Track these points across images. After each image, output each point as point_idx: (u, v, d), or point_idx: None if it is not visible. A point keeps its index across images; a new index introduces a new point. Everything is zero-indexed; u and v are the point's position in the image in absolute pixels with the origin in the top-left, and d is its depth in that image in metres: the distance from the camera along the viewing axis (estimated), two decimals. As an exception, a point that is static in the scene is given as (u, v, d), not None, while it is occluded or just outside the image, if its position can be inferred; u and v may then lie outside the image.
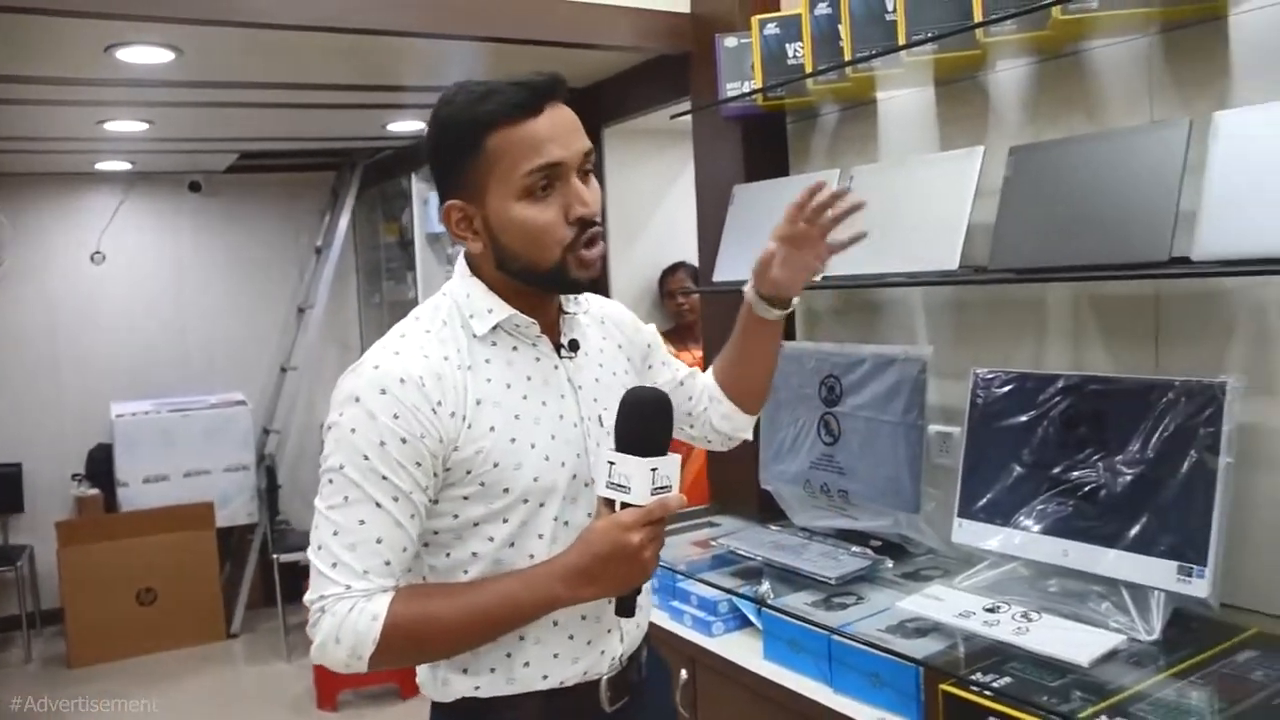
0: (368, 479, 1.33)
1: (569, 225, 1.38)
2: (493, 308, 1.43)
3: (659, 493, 1.34)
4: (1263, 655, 1.82)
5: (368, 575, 1.33)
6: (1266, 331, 1.95)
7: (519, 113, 1.34)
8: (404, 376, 1.35)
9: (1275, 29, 1.90)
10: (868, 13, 2.35)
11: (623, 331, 1.67)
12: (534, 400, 1.44)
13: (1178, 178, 1.83)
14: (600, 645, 1.49)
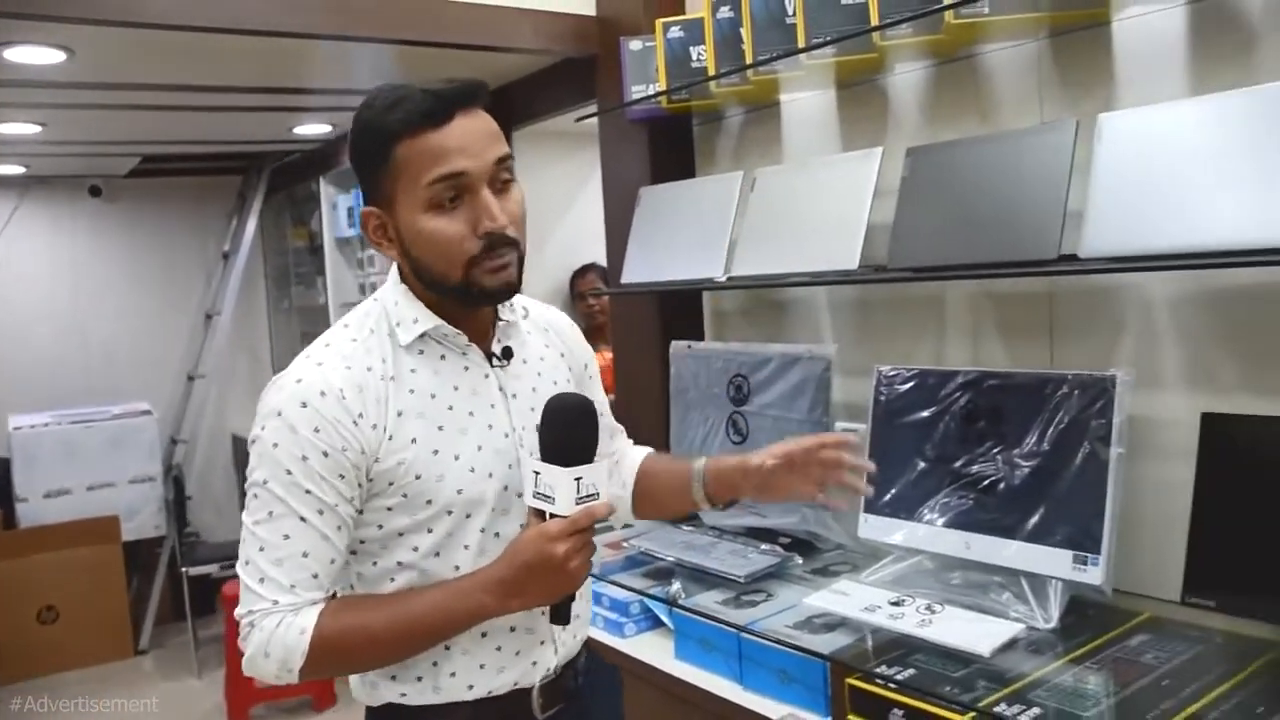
0: (291, 493, 1.32)
1: (477, 239, 1.34)
2: (418, 317, 1.41)
3: (584, 501, 1.33)
4: (1154, 638, 1.89)
5: (295, 589, 1.32)
6: (1153, 326, 2.02)
7: (425, 122, 1.31)
8: (324, 389, 1.33)
9: (1154, 34, 1.97)
10: (768, 16, 2.38)
11: (564, 341, 1.65)
12: (460, 411, 1.41)
13: (1065, 178, 1.88)
14: (531, 656, 1.48)
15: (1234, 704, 1.62)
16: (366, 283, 5.35)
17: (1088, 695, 1.68)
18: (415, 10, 3.06)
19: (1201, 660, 1.79)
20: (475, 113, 1.35)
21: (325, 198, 5.55)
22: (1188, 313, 1.97)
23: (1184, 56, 1.94)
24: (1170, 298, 1.99)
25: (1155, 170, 1.77)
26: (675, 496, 1.69)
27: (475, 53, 3.31)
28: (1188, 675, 1.73)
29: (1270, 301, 1.85)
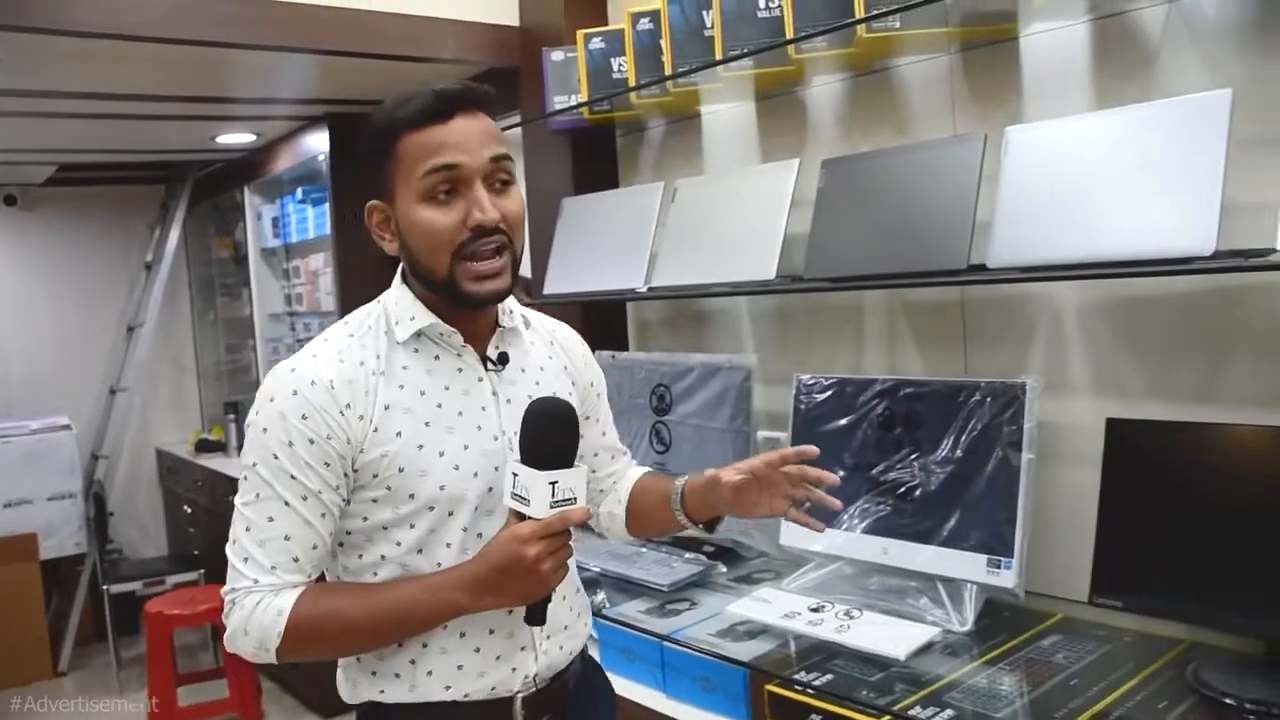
0: (277, 478, 1.36)
1: (466, 229, 1.37)
2: (415, 315, 1.45)
3: (560, 505, 1.33)
4: (1065, 639, 1.93)
5: (275, 571, 1.36)
6: (1062, 334, 2.07)
7: (427, 118, 1.36)
8: (314, 379, 1.38)
9: (1060, 50, 2.03)
10: (687, 29, 2.40)
11: (571, 358, 1.66)
12: (449, 409, 1.43)
13: (974, 190, 1.93)
14: (511, 662, 1.47)
15: (1138, 700, 1.67)
16: (292, 293, 5.29)
17: (1000, 696, 1.71)
18: (338, 20, 3.04)
19: (1110, 659, 1.84)
20: (476, 114, 1.39)
21: (250, 208, 5.49)
22: (1094, 321, 2.02)
23: (1088, 72, 2.00)
24: (1078, 306, 2.04)
25: (1060, 182, 1.82)
26: (661, 515, 1.67)
27: (398, 63, 3.29)
28: (1096, 674, 1.77)
29: (1171, 310, 1.91)
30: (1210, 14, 1.84)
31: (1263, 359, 1.81)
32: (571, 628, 1.55)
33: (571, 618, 1.55)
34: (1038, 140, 1.89)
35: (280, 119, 4.63)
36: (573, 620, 1.55)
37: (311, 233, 4.98)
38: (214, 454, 5.62)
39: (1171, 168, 1.67)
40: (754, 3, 2.25)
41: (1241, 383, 1.84)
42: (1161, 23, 1.89)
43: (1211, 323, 1.86)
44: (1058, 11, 1.96)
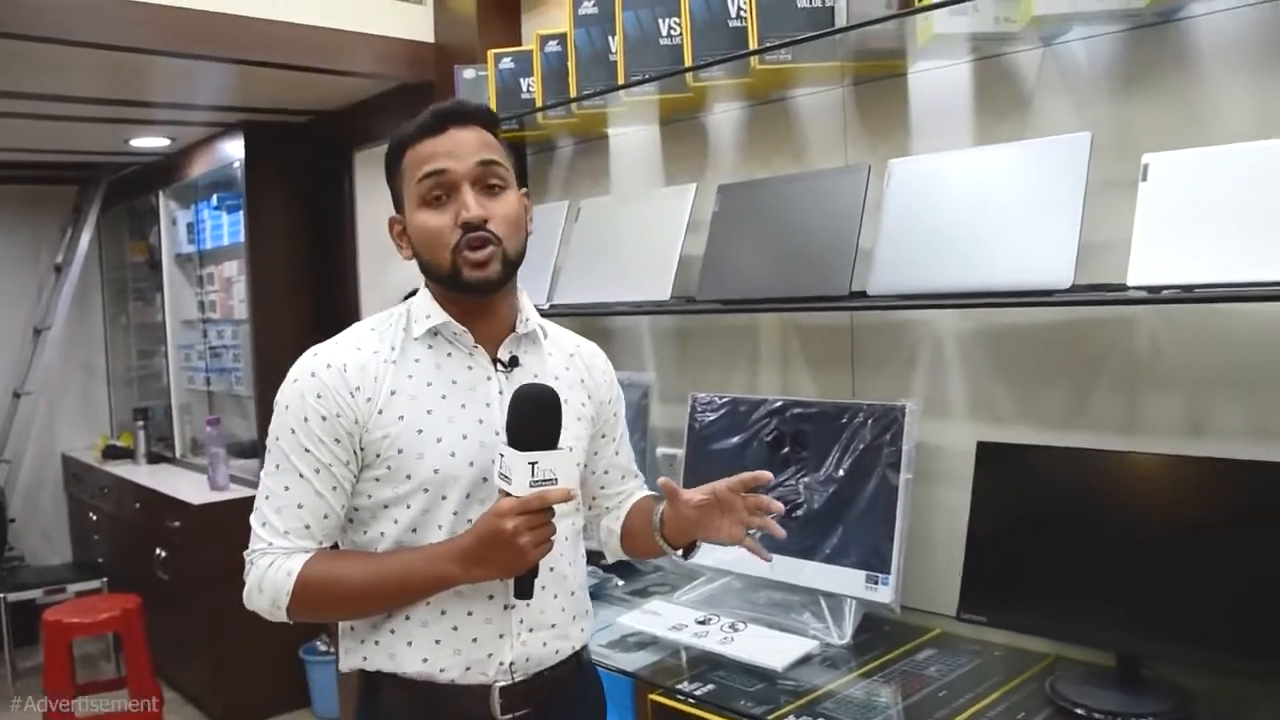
0: (294, 450, 1.48)
1: (458, 229, 1.47)
2: (431, 314, 1.54)
3: (539, 485, 1.40)
4: (940, 653, 2.02)
5: (288, 536, 1.48)
6: (942, 360, 2.16)
7: (422, 132, 1.49)
8: (330, 363, 1.50)
9: (943, 87, 2.13)
10: (592, 53, 2.46)
11: (592, 374, 1.72)
12: (453, 401, 1.52)
13: (858, 219, 2.01)
14: (487, 647, 1.52)
15: (1000, 711, 1.75)
16: (206, 300, 5.23)
17: (873, 706, 1.79)
18: (255, 31, 3.05)
19: (979, 671, 1.92)
20: (469, 127, 1.50)
21: (165, 212, 5.41)
22: (972, 348, 2.11)
23: (970, 109, 2.10)
24: (957, 334, 2.13)
25: (936, 214, 1.91)
26: (646, 537, 1.71)
27: (315, 75, 3.31)
28: (964, 686, 1.86)
29: (1039, 339, 2.01)
30: (1080, 60, 1.94)
31: (1122, 388, 1.91)
32: (560, 627, 1.59)
33: (562, 618, 1.59)
34: (917, 173, 1.98)
35: (196, 125, 4.60)
36: (563, 621, 1.59)
37: (226, 239, 4.94)
38: (122, 461, 5.53)
39: (1036, 204, 1.77)
40: (656, 31, 2.32)
41: (1103, 409, 1.94)
42: (1037, 66, 1.99)
43: (1075, 352, 1.96)
44: (942, 51, 2.05)
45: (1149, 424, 1.88)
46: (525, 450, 1.40)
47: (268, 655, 4.15)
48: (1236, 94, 1.76)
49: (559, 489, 1.42)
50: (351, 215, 4.34)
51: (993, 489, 1.94)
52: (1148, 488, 1.78)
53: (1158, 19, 1.81)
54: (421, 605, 1.50)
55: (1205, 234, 1.59)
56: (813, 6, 2.06)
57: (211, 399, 5.24)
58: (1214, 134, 1.75)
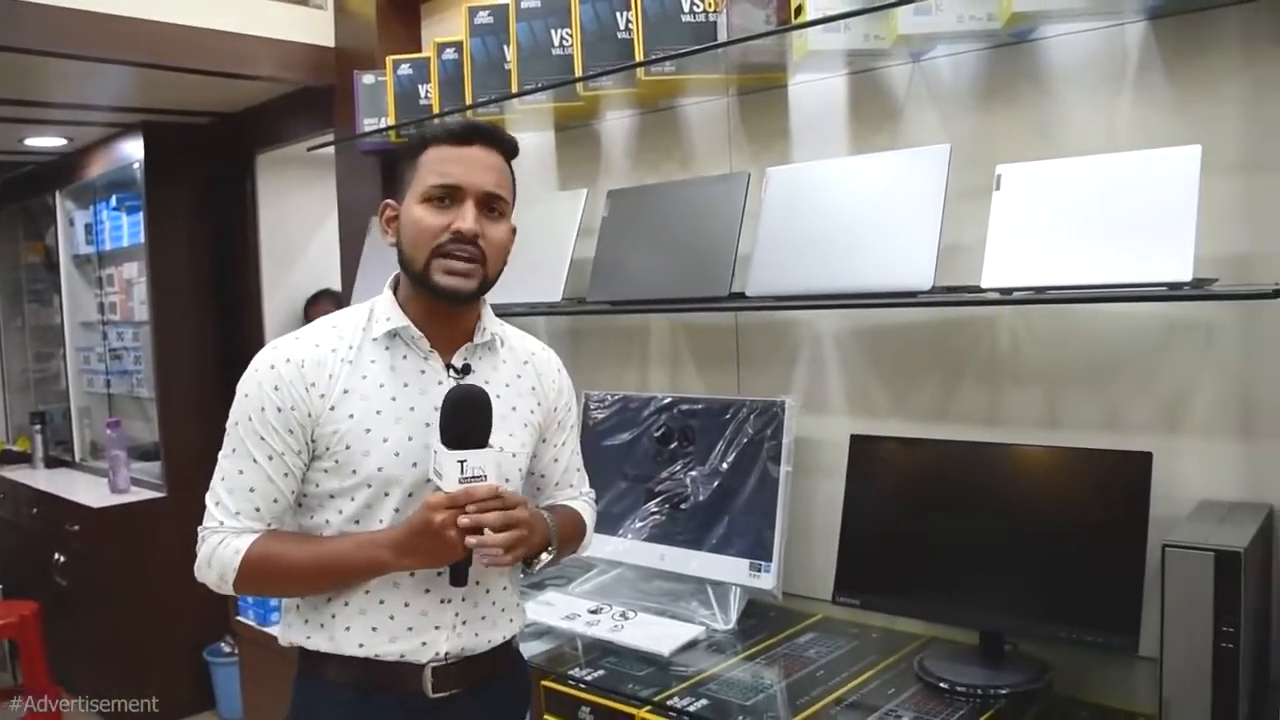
0: (249, 436, 1.54)
1: (447, 233, 1.52)
2: (391, 317, 1.59)
3: (469, 482, 1.46)
4: (820, 636, 2.13)
5: (239, 516, 1.55)
6: (821, 357, 2.27)
7: (451, 137, 1.55)
8: (289, 357, 1.55)
9: (821, 99, 2.24)
10: (487, 61, 2.53)
11: (542, 381, 1.76)
12: (403, 403, 1.56)
13: (737, 223, 2.11)
14: (422, 636, 1.58)
15: (873, 687, 1.87)
16: (105, 302, 5.16)
17: (753, 686, 1.89)
18: (154, 35, 3.05)
19: (856, 652, 2.04)
20: (492, 151, 1.57)
21: (62, 213, 5.32)
22: (848, 347, 2.23)
23: (845, 120, 2.21)
24: (835, 333, 2.24)
25: (810, 219, 2.02)
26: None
27: (215, 78, 3.32)
28: (841, 666, 1.97)
29: (909, 338, 2.13)
30: (946, 75, 2.06)
31: (986, 383, 2.04)
32: (490, 619, 1.65)
33: (493, 611, 1.65)
34: (793, 180, 2.09)
35: (95, 125, 4.54)
36: (494, 614, 1.65)
37: (126, 241, 4.88)
38: (18, 465, 5.43)
39: (901, 211, 1.88)
40: (549, 41, 2.39)
41: (968, 403, 2.07)
42: (906, 81, 2.11)
43: (943, 350, 2.08)
44: (818, 65, 2.16)
45: (1010, 416, 2.01)
46: (457, 449, 1.46)
47: (171, 657, 4.13)
48: (1083, 110, 1.90)
49: (486, 485, 1.46)
50: (254, 217, 4.32)
51: (865, 479, 2.06)
52: (1009, 476, 1.91)
53: (1013, 39, 1.94)
54: (361, 593, 1.56)
55: (1054, 239, 1.72)
56: (696, 21, 2.16)
57: (112, 401, 5.17)
58: (1063, 146, 1.89)
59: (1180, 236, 1.57)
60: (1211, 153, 1.67)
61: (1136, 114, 1.84)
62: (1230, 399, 1.77)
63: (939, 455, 2.00)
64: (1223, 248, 1.73)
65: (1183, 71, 1.79)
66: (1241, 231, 1.72)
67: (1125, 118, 1.85)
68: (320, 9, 3.42)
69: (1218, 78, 1.75)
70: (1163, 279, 1.57)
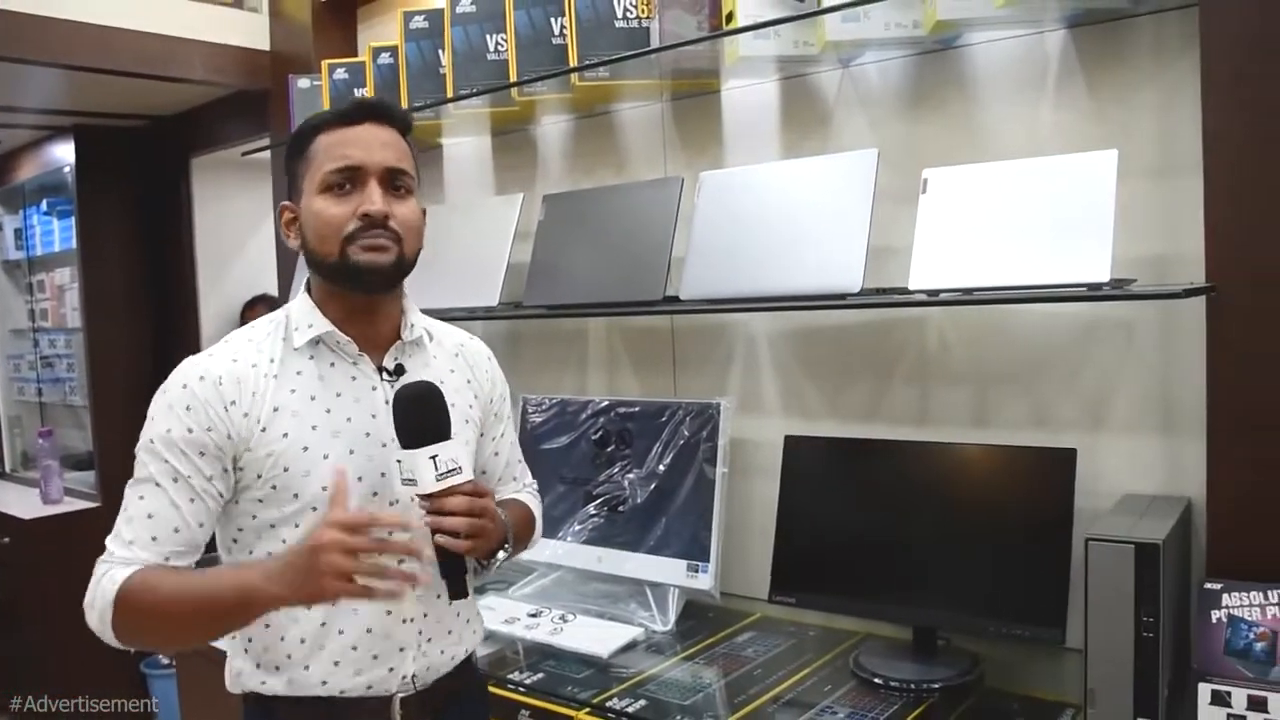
0: (153, 459, 1.41)
1: (356, 219, 1.43)
2: (313, 323, 1.49)
3: (446, 477, 1.38)
4: (758, 635, 2.15)
5: (132, 546, 1.40)
6: (755, 359, 2.30)
7: (339, 120, 1.46)
8: (204, 375, 1.43)
9: (754, 104, 2.27)
10: (422, 66, 2.53)
11: (475, 373, 1.68)
12: (338, 415, 1.47)
13: (671, 227, 2.14)
14: (389, 662, 1.49)
15: (809, 684, 1.90)
16: (37, 308, 5.07)
17: (692, 686, 1.90)
18: (84, 37, 3.01)
19: (793, 650, 2.07)
20: (386, 125, 1.48)
21: (-11, 217, 5.24)
22: (782, 348, 2.26)
23: (777, 125, 2.24)
24: (769, 335, 2.27)
25: (743, 223, 2.04)
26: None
27: (147, 81, 3.28)
28: (779, 664, 2.00)
29: (841, 339, 2.16)
30: (874, 81, 2.10)
31: (916, 383, 2.08)
32: (456, 633, 1.58)
33: (457, 623, 1.58)
34: (726, 184, 2.11)
35: (23, 128, 4.47)
36: (458, 626, 1.59)
37: (57, 246, 4.80)
38: (-55, 477, 5.32)
39: (831, 215, 1.91)
40: (483, 46, 2.40)
41: (900, 403, 2.10)
42: (836, 86, 2.15)
43: (875, 351, 2.12)
44: (750, 71, 2.19)
45: (940, 415, 2.05)
46: (420, 447, 1.38)
47: (108, 670, 4.06)
48: (1006, 115, 1.94)
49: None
50: (189, 221, 4.27)
51: (799, 479, 2.09)
52: (939, 474, 1.95)
53: (939, 46, 1.98)
54: (317, 626, 1.45)
55: (978, 242, 1.75)
56: (630, 27, 2.18)
57: (44, 410, 5.07)
58: (988, 151, 1.93)
59: (1098, 238, 1.62)
60: (1129, 157, 1.72)
61: (1057, 119, 1.89)
62: (1151, 396, 1.82)
63: (871, 454, 2.03)
64: (1142, 249, 1.78)
65: (1100, 78, 1.84)
66: (1159, 233, 1.77)
67: (1047, 123, 1.90)
68: (255, 12, 3.40)
69: (1133, 84, 1.80)
70: (1082, 280, 1.61)
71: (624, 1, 2.17)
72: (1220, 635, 1.58)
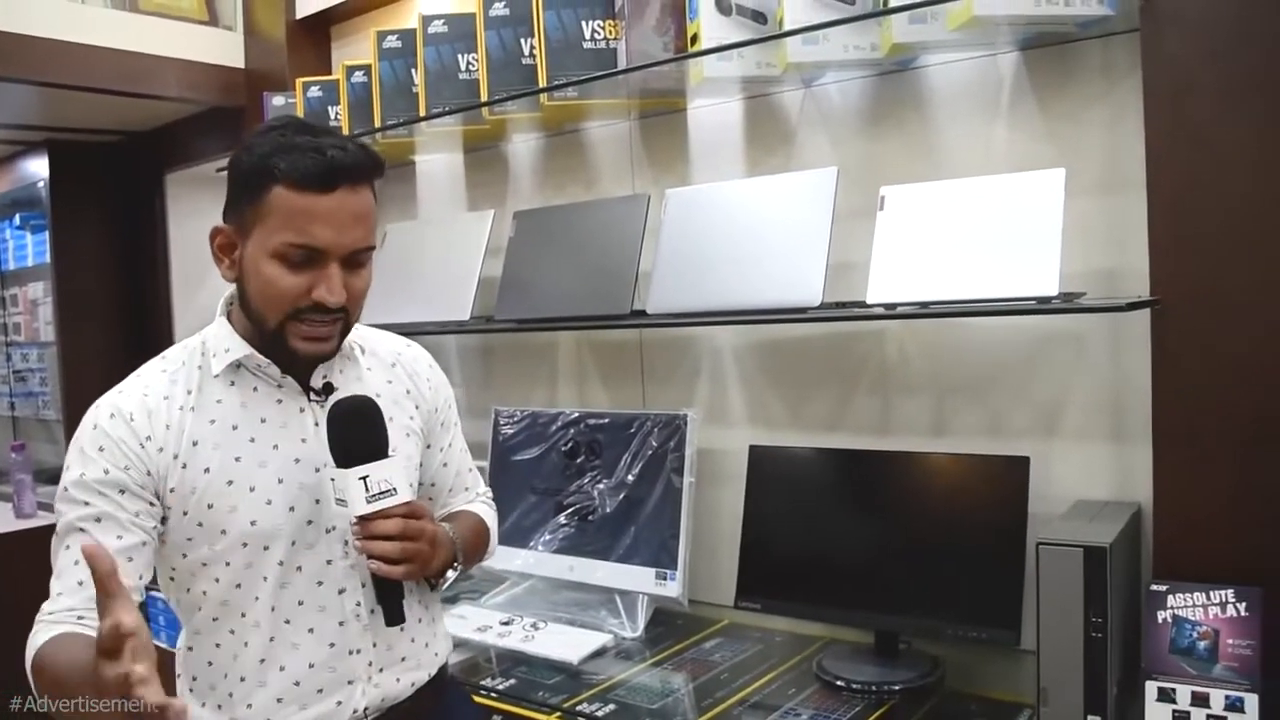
0: (72, 506, 1.32)
1: (308, 299, 1.32)
2: (230, 347, 1.39)
3: (378, 499, 1.32)
4: (725, 641, 2.20)
5: (60, 597, 1.29)
6: (721, 371, 2.35)
7: (308, 182, 1.28)
8: (114, 412, 1.35)
9: (719, 123, 2.33)
10: (395, 84, 2.58)
11: (415, 382, 1.58)
12: (263, 443, 1.39)
13: (638, 243, 2.19)
14: (335, 695, 1.42)
15: (774, 688, 1.95)
16: (9, 322, 5.05)
17: (660, 691, 1.95)
18: (58, 53, 3.03)
19: (759, 655, 2.11)
20: (359, 189, 1.33)
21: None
22: (747, 361, 2.31)
23: (741, 143, 2.30)
24: (734, 347, 2.33)
25: (708, 240, 2.10)
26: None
27: (122, 98, 3.30)
28: (745, 668, 2.04)
29: (804, 352, 2.22)
30: (835, 101, 2.16)
31: (877, 394, 2.14)
32: (412, 658, 1.50)
33: (413, 649, 1.51)
34: (691, 201, 2.17)
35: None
36: (414, 651, 1.51)
37: (30, 260, 4.81)
38: (-82, 492, 5.30)
39: (793, 231, 1.97)
40: (455, 66, 2.45)
41: (861, 413, 2.16)
42: (799, 106, 2.21)
43: (837, 363, 2.18)
44: (715, 90, 2.25)
45: (900, 425, 2.11)
46: (352, 467, 1.32)
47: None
48: (962, 134, 2.01)
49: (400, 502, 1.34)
50: (164, 237, 4.29)
51: (764, 488, 2.14)
52: (899, 482, 2.01)
53: (896, 67, 2.05)
54: (256, 662, 1.39)
55: (934, 257, 1.81)
56: (598, 48, 2.23)
57: (16, 424, 5.07)
58: (944, 169, 2.00)
59: (1046, 253, 1.68)
60: (1080, 175, 1.80)
61: (1010, 138, 1.95)
62: (1101, 405, 1.88)
63: (834, 463, 2.09)
64: (1094, 263, 1.85)
65: (1051, 99, 1.91)
66: (1109, 248, 1.84)
67: (1000, 141, 1.96)
68: (230, 30, 3.43)
69: (1082, 105, 1.87)
70: (1031, 293, 1.68)
71: (592, 23, 2.23)
72: (1166, 635, 1.65)
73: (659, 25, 2.12)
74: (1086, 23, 1.78)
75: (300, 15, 3.18)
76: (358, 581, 1.43)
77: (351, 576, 1.42)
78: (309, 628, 1.40)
